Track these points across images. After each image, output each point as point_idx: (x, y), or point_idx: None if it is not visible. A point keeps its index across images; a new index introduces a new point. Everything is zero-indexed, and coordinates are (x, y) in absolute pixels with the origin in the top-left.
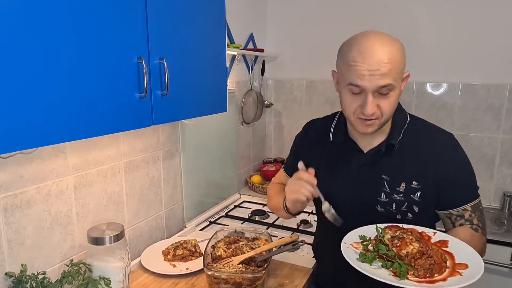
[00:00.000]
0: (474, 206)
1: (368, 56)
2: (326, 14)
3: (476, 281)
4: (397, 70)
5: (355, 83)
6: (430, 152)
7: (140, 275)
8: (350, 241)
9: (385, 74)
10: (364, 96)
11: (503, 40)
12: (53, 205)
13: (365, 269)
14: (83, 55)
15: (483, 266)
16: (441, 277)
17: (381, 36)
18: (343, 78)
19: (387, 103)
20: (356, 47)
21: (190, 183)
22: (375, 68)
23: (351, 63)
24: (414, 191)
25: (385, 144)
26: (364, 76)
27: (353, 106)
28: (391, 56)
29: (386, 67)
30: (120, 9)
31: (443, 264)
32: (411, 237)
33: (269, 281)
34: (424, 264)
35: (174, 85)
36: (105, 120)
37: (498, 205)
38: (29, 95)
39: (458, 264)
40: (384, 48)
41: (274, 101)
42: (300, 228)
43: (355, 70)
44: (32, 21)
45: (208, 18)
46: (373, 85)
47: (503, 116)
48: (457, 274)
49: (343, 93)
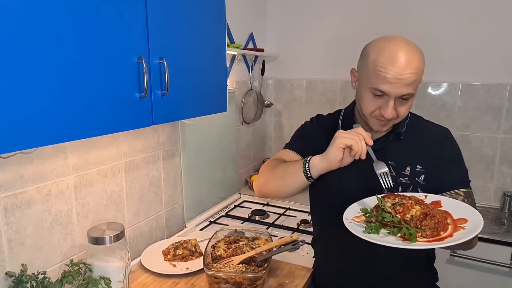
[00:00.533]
0: (467, 192)
1: (398, 64)
2: (327, 14)
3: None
4: (419, 80)
5: (380, 89)
6: (428, 140)
7: (140, 275)
8: (351, 216)
9: (410, 83)
10: (385, 100)
11: (503, 40)
12: (53, 205)
13: (375, 238)
14: (83, 55)
15: (481, 217)
16: (447, 234)
17: (410, 44)
18: (367, 80)
19: (404, 107)
20: (387, 53)
21: (190, 183)
22: (402, 78)
23: (380, 68)
24: (418, 174)
25: (393, 133)
26: (391, 83)
27: (371, 107)
28: (417, 66)
29: (412, 77)
30: (120, 9)
31: (446, 222)
32: (410, 201)
33: (269, 280)
34: (429, 224)
35: (174, 85)
36: (105, 120)
37: (498, 205)
38: (29, 95)
39: (457, 219)
40: (412, 58)
41: (274, 101)
42: (300, 228)
43: (383, 76)
44: (32, 20)
45: (208, 18)
46: (398, 92)
47: (503, 116)
48: (460, 228)
49: (364, 93)
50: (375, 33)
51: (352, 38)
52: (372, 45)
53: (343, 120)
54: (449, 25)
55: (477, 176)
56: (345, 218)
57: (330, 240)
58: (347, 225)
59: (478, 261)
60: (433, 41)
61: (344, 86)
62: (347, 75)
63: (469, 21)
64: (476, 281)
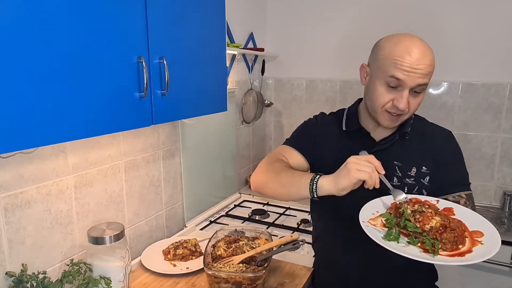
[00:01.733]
0: (468, 195)
1: (415, 54)
2: (327, 13)
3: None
4: (433, 72)
5: (397, 76)
6: (432, 142)
7: (141, 274)
8: (366, 219)
9: (426, 74)
10: (399, 91)
11: (503, 39)
12: (53, 205)
13: (395, 247)
14: (83, 55)
15: (497, 231)
16: (466, 249)
17: (424, 41)
18: (381, 71)
19: (416, 101)
20: (403, 45)
21: (190, 182)
22: (419, 68)
23: (397, 58)
24: (423, 175)
25: (399, 133)
26: (408, 71)
27: (384, 99)
28: (431, 59)
29: (427, 68)
30: (120, 9)
31: (464, 235)
32: (430, 211)
33: (269, 280)
34: (449, 238)
35: (174, 84)
36: (105, 120)
37: (498, 204)
38: (29, 95)
39: (473, 232)
40: (427, 51)
41: (274, 100)
42: (300, 228)
43: (400, 64)
44: (32, 20)
45: (208, 17)
46: (413, 82)
47: (503, 115)
48: (478, 243)
49: (377, 85)
50: (375, 32)
51: (352, 38)
52: (386, 39)
53: (347, 120)
54: (450, 25)
55: (477, 176)
56: (362, 221)
57: (331, 240)
58: (365, 229)
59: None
60: (433, 40)
61: (344, 86)
62: (347, 75)
63: (469, 20)
64: (476, 280)
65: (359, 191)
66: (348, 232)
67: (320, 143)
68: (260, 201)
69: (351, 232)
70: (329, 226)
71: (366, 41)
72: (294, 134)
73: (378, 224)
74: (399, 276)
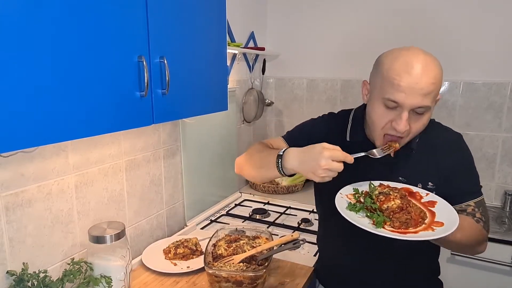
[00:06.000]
0: (478, 202)
1: (414, 71)
2: (327, 13)
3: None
4: (437, 92)
5: (393, 98)
6: (440, 153)
7: (141, 273)
8: (346, 193)
9: (426, 94)
10: (398, 112)
11: (504, 38)
12: (54, 204)
13: (350, 216)
14: (84, 54)
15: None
16: (414, 230)
17: (428, 53)
18: (379, 91)
19: (419, 123)
20: (402, 60)
21: (191, 181)
22: (418, 87)
23: (394, 76)
24: (430, 191)
25: (405, 148)
26: (405, 92)
27: (383, 121)
28: (436, 77)
29: (429, 87)
30: (121, 8)
31: (419, 220)
32: (396, 194)
33: (270, 279)
34: (400, 218)
35: (174, 83)
36: (106, 119)
37: (499, 204)
38: (30, 94)
39: (435, 222)
40: (430, 66)
41: (275, 99)
42: (301, 227)
43: (397, 84)
44: (33, 19)
45: (208, 16)
46: (412, 103)
47: (504, 114)
48: (430, 229)
49: (375, 105)
50: (376, 31)
51: (353, 37)
52: (386, 54)
53: (351, 128)
54: (450, 24)
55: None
56: (340, 193)
57: (336, 237)
58: (336, 199)
59: (479, 260)
60: (434, 40)
61: (345, 85)
62: (348, 74)
63: (470, 20)
64: (477, 280)
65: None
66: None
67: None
68: (261, 200)
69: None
70: (333, 224)
71: (367, 40)
72: (293, 129)
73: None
74: (402, 272)
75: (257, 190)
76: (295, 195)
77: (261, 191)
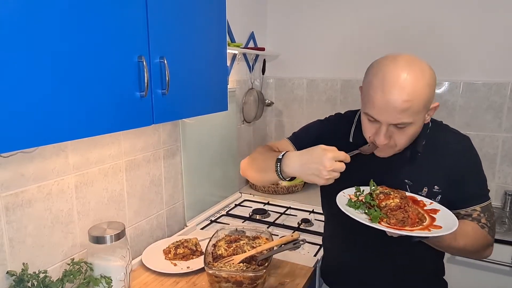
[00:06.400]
0: (484, 207)
1: (389, 90)
2: (327, 13)
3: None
4: (418, 108)
5: (370, 114)
6: (447, 155)
7: (141, 274)
8: (348, 193)
9: (402, 111)
10: (378, 126)
11: (504, 38)
12: (54, 204)
13: (349, 210)
14: (84, 54)
15: (454, 229)
16: (409, 229)
17: (412, 66)
18: (363, 104)
19: (402, 136)
20: (381, 76)
21: (191, 182)
22: (393, 105)
23: (371, 93)
24: (435, 195)
25: (410, 151)
26: (380, 109)
27: (368, 132)
28: (413, 92)
29: (404, 105)
30: (121, 8)
31: (417, 221)
32: (396, 195)
33: (270, 279)
34: (397, 215)
35: (174, 84)
36: (106, 119)
37: (499, 204)
38: (30, 94)
39: (433, 225)
40: (409, 83)
41: (275, 100)
42: (301, 227)
43: (372, 102)
44: (33, 19)
45: (208, 16)
46: (387, 120)
47: (504, 114)
48: (427, 230)
49: (363, 116)
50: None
51: (353, 37)
52: (374, 64)
53: (355, 130)
54: (451, 24)
55: None
56: (342, 192)
57: (343, 237)
58: (338, 196)
59: (479, 261)
60: (434, 39)
61: (345, 85)
62: (348, 74)
63: (470, 20)
64: (477, 280)
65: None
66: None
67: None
68: (261, 200)
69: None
70: (340, 224)
71: (367, 40)
72: (299, 130)
73: (354, 198)
74: (408, 273)
75: (257, 191)
76: (295, 196)
77: (261, 191)
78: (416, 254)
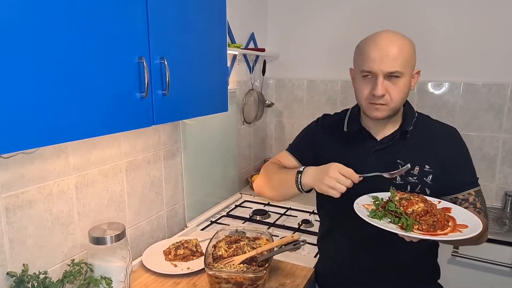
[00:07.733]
0: (477, 191)
1: (381, 42)
2: (327, 13)
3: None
4: (406, 60)
5: (366, 68)
6: (437, 141)
7: (141, 274)
8: (362, 203)
9: (394, 58)
10: (374, 80)
11: (504, 39)
12: (55, 205)
13: (376, 222)
14: (84, 55)
15: (481, 226)
16: (443, 233)
17: (395, 32)
18: (357, 67)
19: (396, 89)
20: (371, 37)
21: (191, 182)
22: (385, 54)
23: (365, 50)
24: (426, 174)
25: (400, 131)
26: (375, 60)
27: (365, 91)
28: (401, 46)
29: (395, 52)
30: (121, 9)
31: (445, 223)
32: (417, 199)
33: (270, 280)
34: (428, 220)
35: (175, 84)
36: (106, 120)
37: (499, 205)
38: (30, 95)
39: (459, 224)
40: (395, 39)
41: (275, 100)
42: (301, 228)
43: (367, 56)
44: (33, 21)
45: (209, 17)
46: (382, 68)
47: (504, 115)
48: (458, 231)
49: (357, 81)
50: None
51: (353, 37)
52: (363, 39)
53: (348, 121)
54: (451, 24)
55: (478, 176)
56: (356, 203)
57: (339, 237)
58: (356, 209)
59: (479, 261)
60: (435, 40)
61: (345, 86)
62: (348, 75)
63: (470, 20)
64: (477, 281)
65: (368, 189)
66: (354, 230)
67: (320, 146)
68: (261, 201)
69: (358, 230)
70: (336, 223)
71: None
72: (294, 140)
73: (371, 208)
74: (403, 274)
75: None
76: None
77: None
78: (411, 254)
